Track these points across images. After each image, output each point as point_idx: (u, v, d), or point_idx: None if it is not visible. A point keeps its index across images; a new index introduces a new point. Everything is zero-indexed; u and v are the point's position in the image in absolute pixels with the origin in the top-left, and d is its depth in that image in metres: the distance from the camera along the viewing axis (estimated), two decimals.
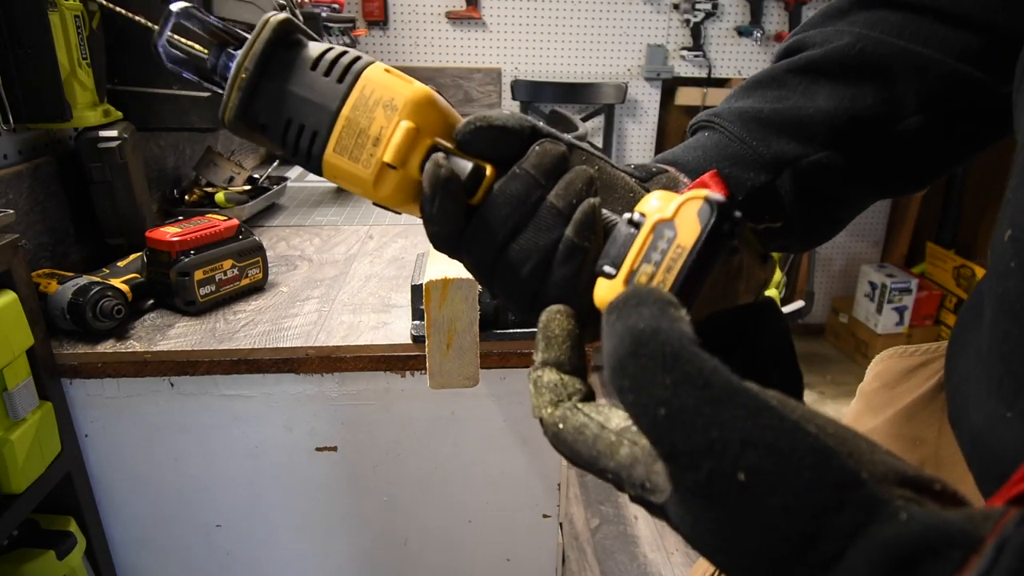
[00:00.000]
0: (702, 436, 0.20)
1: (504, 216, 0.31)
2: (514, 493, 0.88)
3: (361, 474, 0.85)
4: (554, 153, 0.32)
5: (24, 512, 0.69)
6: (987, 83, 0.40)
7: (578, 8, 2.60)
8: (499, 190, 0.32)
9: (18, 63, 0.81)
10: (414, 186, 0.32)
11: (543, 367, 0.28)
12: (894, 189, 0.45)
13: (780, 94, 0.42)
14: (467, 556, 0.92)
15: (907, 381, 0.51)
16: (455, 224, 0.32)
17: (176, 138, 1.30)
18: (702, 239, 0.26)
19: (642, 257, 0.27)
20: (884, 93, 0.40)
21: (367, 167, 0.32)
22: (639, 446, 0.23)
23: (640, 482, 0.23)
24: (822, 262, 3.04)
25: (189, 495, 0.84)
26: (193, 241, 0.84)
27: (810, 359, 2.95)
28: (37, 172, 0.87)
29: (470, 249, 0.32)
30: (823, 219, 0.44)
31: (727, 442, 0.19)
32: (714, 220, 0.26)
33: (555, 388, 0.27)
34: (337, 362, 0.79)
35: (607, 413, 0.25)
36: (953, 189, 2.81)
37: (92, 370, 0.76)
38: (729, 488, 0.20)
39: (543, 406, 0.27)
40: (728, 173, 0.40)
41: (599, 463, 0.24)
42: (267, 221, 1.27)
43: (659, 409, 0.20)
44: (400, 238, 1.17)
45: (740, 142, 0.41)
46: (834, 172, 0.41)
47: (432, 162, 0.31)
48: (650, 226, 0.27)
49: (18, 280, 0.68)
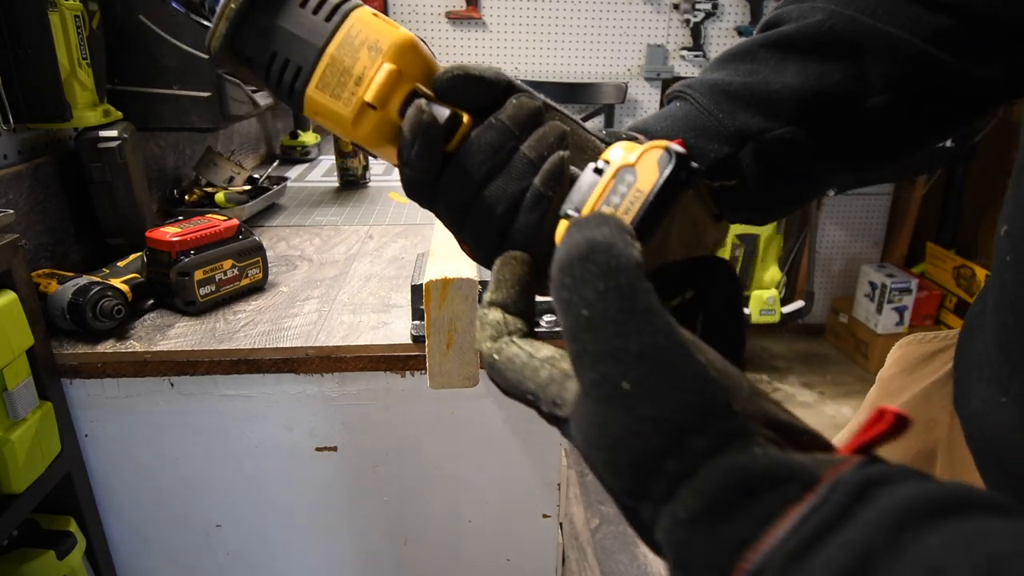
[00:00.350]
0: (608, 342, 0.22)
1: (478, 163, 0.33)
2: (514, 493, 0.88)
3: (361, 474, 0.85)
4: (530, 107, 0.33)
5: (24, 512, 0.69)
6: (957, 66, 0.40)
7: (578, 8, 2.60)
8: (475, 138, 0.33)
9: (18, 63, 0.81)
10: (391, 128, 0.33)
11: (490, 306, 0.30)
12: (859, 167, 0.46)
13: (752, 68, 0.43)
14: (467, 556, 0.92)
15: (925, 367, 0.51)
16: (432, 169, 0.33)
17: (176, 138, 1.30)
18: (659, 184, 0.28)
19: (603, 200, 0.29)
20: (852, 71, 0.41)
21: (348, 105, 0.32)
22: (557, 369, 0.26)
23: (552, 399, 0.25)
24: (822, 262, 3.04)
25: (189, 495, 0.84)
26: (193, 241, 0.84)
27: (810, 359, 2.95)
28: (37, 172, 0.87)
29: (444, 194, 0.34)
30: (785, 193, 0.45)
31: (625, 351, 0.22)
32: (672, 167, 0.28)
33: (497, 325, 0.29)
34: (337, 362, 0.79)
35: (537, 346, 0.28)
36: (953, 189, 2.81)
37: (92, 370, 0.76)
38: (614, 392, 0.22)
39: (484, 340, 0.29)
40: (693, 143, 0.42)
41: (523, 385, 0.27)
42: (267, 221, 1.27)
43: (583, 310, 0.23)
44: (400, 238, 1.17)
45: (707, 114, 0.42)
46: (797, 147, 0.42)
47: (415, 107, 0.31)
48: (613, 171, 0.29)
49: (18, 280, 0.68)
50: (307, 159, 1.85)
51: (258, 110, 1.14)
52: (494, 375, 0.28)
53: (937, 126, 0.44)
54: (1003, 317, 0.36)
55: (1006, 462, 0.36)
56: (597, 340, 0.22)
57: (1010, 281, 0.34)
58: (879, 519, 0.18)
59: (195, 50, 1.01)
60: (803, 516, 0.19)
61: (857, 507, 0.18)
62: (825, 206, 2.92)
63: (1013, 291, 0.34)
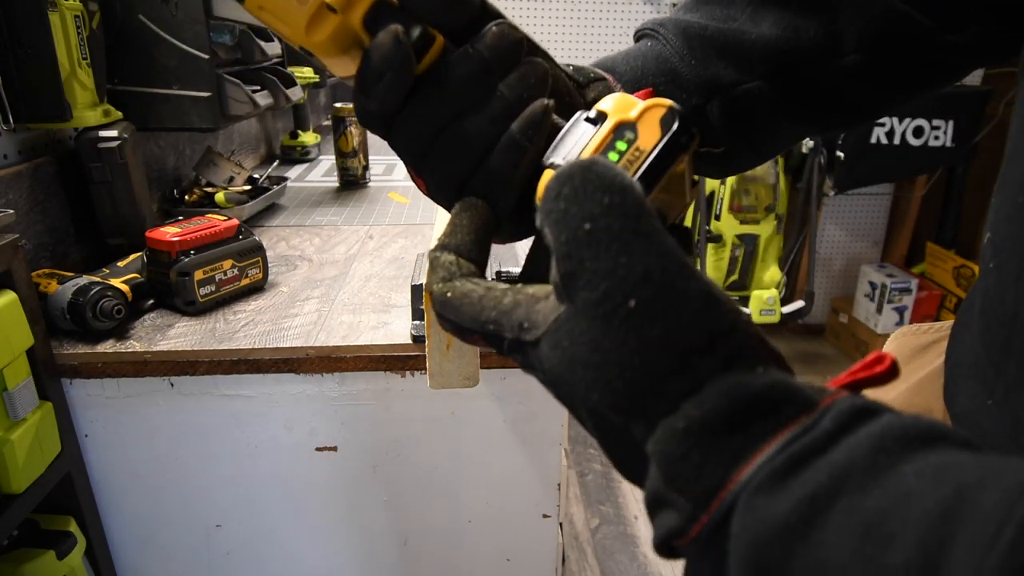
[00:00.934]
0: (612, 259, 0.21)
1: (450, 98, 0.29)
2: (514, 493, 0.88)
3: (361, 474, 0.85)
4: (512, 38, 0.30)
5: (24, 512, 0.69)
6: (932, 30, 0.40)
7: (578, 8, 2.60)
8: (449, 68, 0.29)
9: (18, 63, 0.81)
10: (350, 38, 0.29)
11: (443, 250, 0.28)
12: (826, 127, 0.46)
13: (728, 13, 0.42)
14: (467, 556, 0.92)
15: (920, 358, 0.51)
16: (397, 103, 0.29)
17: (176, 138, 1.30)
18: (661, 144, 0.27)
19: (600, 153, 0.27)
20: (827, 27, 0.40)
21: (303, 3, 0.28)
22: (522, 294, 0.25)
23: (519, 322, 0.24)
24: (822, 262, 3.04)
25: (189, 495, 0.84)
26: (193, 241, 0.84)
27: (810, 359, 2.95)
28: (37, 172, 0.87)
29: (406, 127, 0.30)
30: (747, 148, 0.44)
31: (631, 269, 0.21)
32: (675, 128, 0.27)
33: (449, 267, 0.28)
34: (337, 362, 0.79)
35: (493, 283, 0.27)
36: (953, 189, 2.81)
37: (92, 370, 0.76)
38: (617, 310, 0.21)
39: (434, 282, 0.27)
40: (662, 91, 0.40)
41: (482, 315, 0.25)
42: (267, 221, 1.27)
43: (585, 224, 0.22)
44: (400, 238, 1.17)
45: (679, 57, 0.41)
46: (766, 102, 0.41)
47: (391, 33, 0.27)
48: (612, 124, 0.27)
49: (18, 280, 0.68)
50: (307, 159, 1.85)
51: (258, 110, 1.14)
52: (446, 311, 0.26)
53: (907, 90, 0.44)
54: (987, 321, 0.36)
55: None
56: (599, 257, 0.21)
57: (992, 287, 0.35)
58: (859, 444, 0.19)
59: (195, 50, 1.01)
60: (794, 435, 0.19)
61: (842, 434, 0.19)
62: (825, 206, 2.92)
63: (995, 297, 0.35)
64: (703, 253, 2.56)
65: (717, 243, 2.61)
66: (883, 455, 0.18)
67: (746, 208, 2.60)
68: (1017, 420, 0.33)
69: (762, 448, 0.20)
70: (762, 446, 0.20)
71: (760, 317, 2.51)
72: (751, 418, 0.20)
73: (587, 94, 0.38)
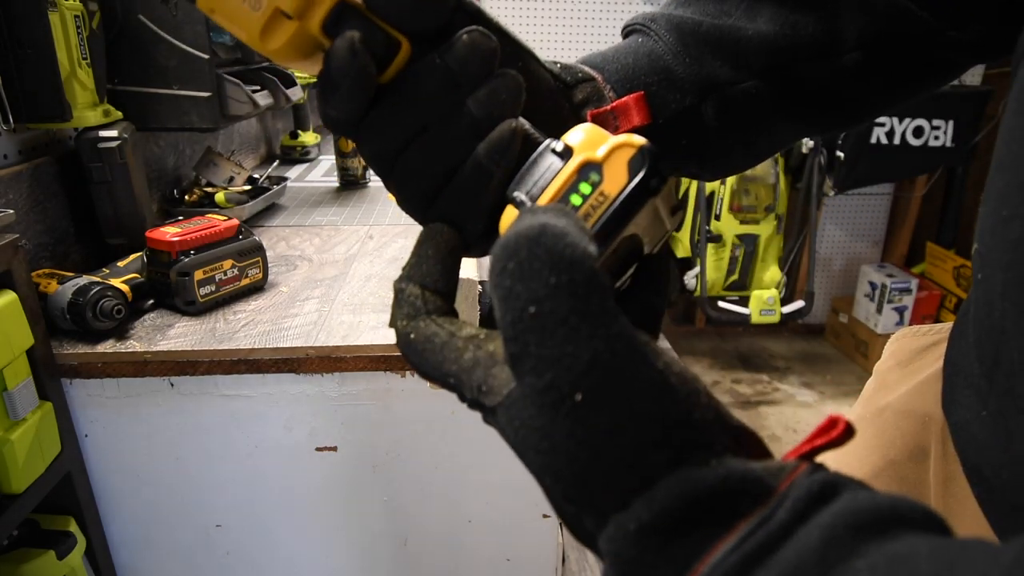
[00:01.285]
0: (558, 346, 0.20)
1: (414, 112, 0.27)
2: (514, 493, 0.88)
3: (361, 474, 0.85)
4: (484, 49, 0.27)
5: (24, 512, 0.69)
6: (933, 27, 0.39)
7: (578, 8, 2.60)
8: (413, 78, 0.27)
9: (18, 63, 0.81)
10: (310, 43, 0.27)
11: (407, 281, 0.27)
12: (821, 127, 0.44)
13: (722, 8, 0.40)
14: (467, 556, 0.92)
15: (920, 360, 0.51)
16: (358, 112, 0.28)
17: (176, 138, 1.30)
18: (627, 191, 0.24)
19: (561, 196, 0.25)
20: (827, 23, 0.39)
21: (256, 8, 0.26)
22: (482, 351, 0.24)
23: (477, 384, 0.23)
24: (822, 262, 3.04)
25: (189, 495, 0.84)
26: (193, 241, 0.84)
27: (810, 359, 2.95)
28: (37, 172, 0.87)
29: (369, 138, 0.29)
30: (742, 149, 0.43)
31: (576, 358, 0.20)
32: (643, 174, 0.24)
33: (413, 302, 0.26)
34: (337, 362, 0.79)
35: (459, 324, 0.25)
36: (953, 189, 2.81)
37: (92, 370, 0.76)
38: (563, 401, 0.20)
39: (399, 318, 0.26)
40: (655, 91, 0.38)
41: (443, 367, 0.24)
42: (267, 221, 1.27)
43: (530, 306, 0.20)
44: (400, 238, 1.17)
45: (672, 55, 0.39)
46: (762, 101, 0.40)
47: (347, 42, 0.25)
48: (576, 165, 0.25)
49: (18, 280, 0.68)
50: (307, 159, 1.85)
51: (258, 110, 1.14)
52: (410, 355, 0.25)
53: (907, 88, 0.43)
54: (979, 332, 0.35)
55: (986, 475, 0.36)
56: (544, 343, 0.20)
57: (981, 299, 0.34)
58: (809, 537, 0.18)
59: (195, 50, 1.01)
60: (748, 531, 0.18)
61: (797, 524, 0.18)
62: (825, 206, 2.92)
63: (983, 310, 0.34)
64: (703, 253, 2.56)
65: (717, 243, 2.61)
66: (833, 549, 0.17)
67: (746, 208, 2.60)
68: (1009, 433, 0.33)
69: (716, 546, 0.19)
70: (716, 544, 0.19)
71: (760, 317, 2.51)
72: (704, 516, 0.19)
73: (575, 95, 0.37)
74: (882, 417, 0.50)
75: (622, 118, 0.37)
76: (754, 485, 0.19)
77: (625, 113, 0.37)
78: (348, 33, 0.26)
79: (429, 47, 0.27)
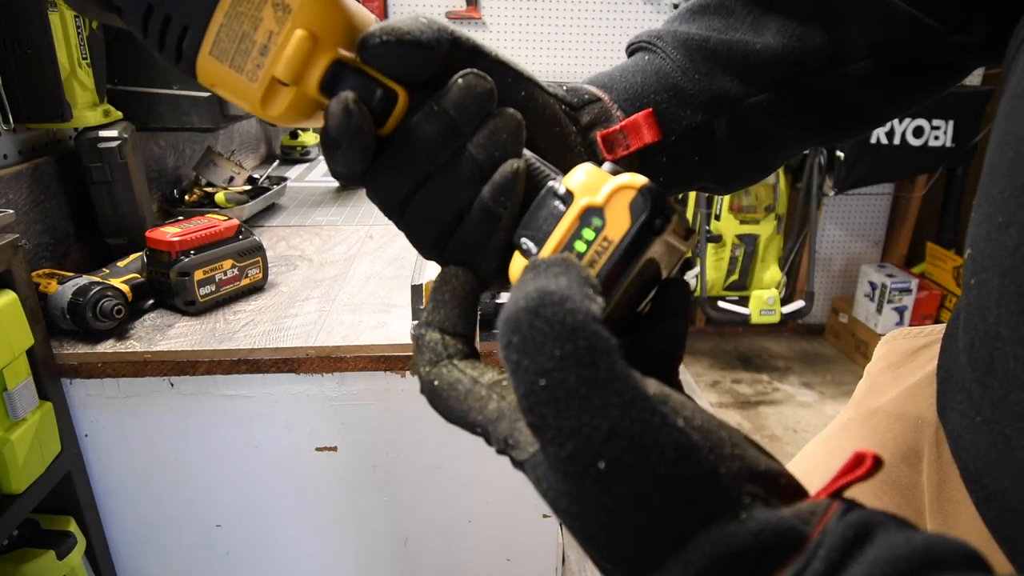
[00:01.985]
0: (574, 418, 0.20)
1: (416, 162, 0.27)
2: (514, 493, 0.88)
3: (361, 474, 0.85)
4: (478, 91, 0.27)
5: (24, 512, 0.69)
6: (939, 32, 0.39)
7: (578, 8, 2.60)
8: (412, 128, 0.27)
9: (18, 63, 0.81)
10: (310, 105, 0.27)
11: (427, 327, 0.27)
12: (831, 137, 0.45)
13: (728, 23, 0.40)
14: (467, 556, 0.92)
15: (911, 362, 0.50)
16: (361, 166, 0.28)
17: (176, 138, 1.30)
18: (630, 235, 0.24)
19: (565, 244, 0.25)
20: (833, 34, 0.39)
21: (253, 80, 0.26)
22: (506, 401, 0.24)
23: (504, 437, 0.23)
24: (822, 262, 3.04)
25: (189, 495, 0.84)
26: (193, 241, 0.84)
27: (810, 359, 2.95)
28: (37, 172, 0.87)
29: (375, 189, 0.29)
30: (753, 163, 0.43)
31: (595, 428, 0.20)
32: (645, 217, 0.24)
33: (434, 348, 0.26)
34: (337, 362, 0.79)
35: (482, 368, 0.25)
36: (953, 189, 2.81)
37: (92, 370, 0.76)
38: (588, 471, 0.20)
39: (421, 364, 0.26)
40: (664, 108, 0.38)
41: (469, 416, 0.24)
42: (267, 221, 1.27)
43: (539, 379, 0.20)
44: (400, 238, 1.17)
45: (681, 72, 0.39)
46: (774, 114, 0.40)
47: (341, 103, 0.26)
48: (578, 211, 0.25)
49: (18, 280, 0.68)
50: (307, 159, 1.85)
51: None
52: (435, 402, 0.25)
53: (915, 93, 0.43)
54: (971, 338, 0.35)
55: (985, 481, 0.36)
56: (560, 415, 0.20)
57: (974, 304, 0.34)
58: None
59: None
60: None
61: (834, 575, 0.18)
62: (825, 206, 2.92)
63: (977, 315, 0.34)
64: (703, 253, 2.56)
65: (717, 243, 2.61)
66: None
67: (746, 208, 2.61)
68: (1005, 439, 0.33)
69: None
70: None
71: (760, 317, 2.51)
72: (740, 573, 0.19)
73: (581, 117, 0.36)
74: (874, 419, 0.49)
75: (632, 137, 0.37)
76: (787, 535, 0.19)
77: (635, 132, 0.37)
78: (342, 93, 0.26)
79: (428, 93, 0.27)
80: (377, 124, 0.27)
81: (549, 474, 0.21)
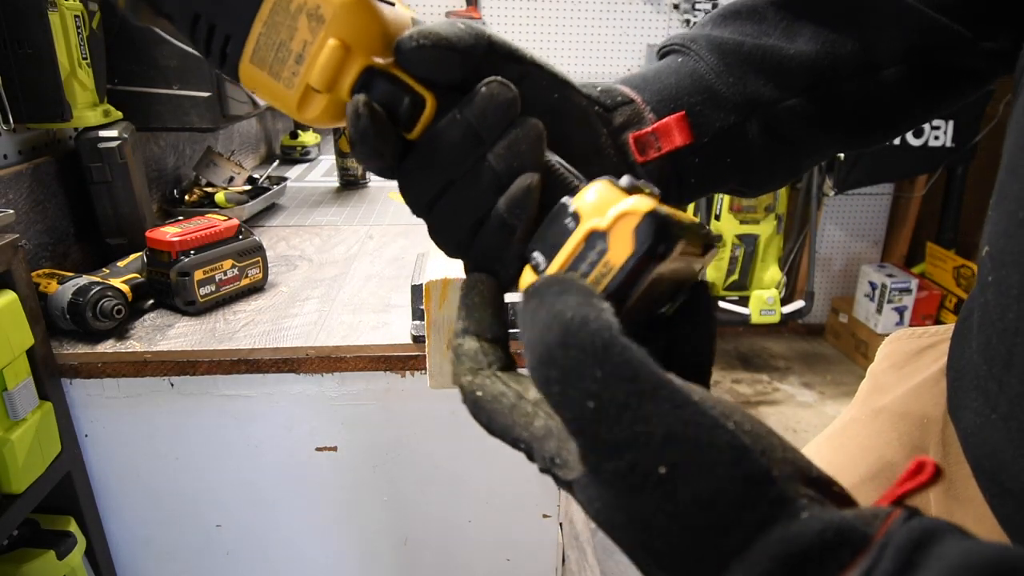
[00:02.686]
0: (628, 429, 0.20)
1: (440, 167, 0.28)
2: (514, 493, 0.88)
3: (361, 474, 0.85)
4: (501, 100, 0.27)
5: (24, 512, 0.69)
6: (967, 39, 0.40)
7: (578, 8, 2.60)
8: (438, 134, 0.28)
9: (18, 63, 0.81)
10: (344, 109, 0.28)
11: (464, 335, 0.28)
12: (863, 140, 0.45)
13: (760, 29, 0.41)
14: (467, 556, 0.92)
15: (915, 362, 0.51)
16: (386, 163, 0.29)
17: (176, 138, 1.30)
18: (632, 262, 0.24)
19: (570, 265, 0.25)
20: (865, 41, 0.40)
21: (290, 87, 0.28)
22: (554, 420, 0.24)
23: (551, 456, 0.23)
24: (822, 262, 3.04)
25: (189, 495, 0.84)
26: (193, 241, 0.84)
27: (810, 359, 2.95)
28: (37, 172, 0.87)
29: (403, 188, 0.30)
30: (785, 165, 0.43)
31: (651, 436, 0.20)
32: (649, 244, 0.24)
33: (475, 356, 0.27)
34: (337, 362, 0.79)
35: (526, 383, 0.25)
36: (953, 189, 2.81)
37: (92, 370, 0.76)
38: (647, 479, 0.20)
39: (463, 374, 0.27)
40: (698, 111, 0.39)
41: (513, 432, 0.24)
42: (267, 221, 1.27)
43: (588, 402, 0.20)
44: (400, 238, 1.17)
45: (715, 75, 0.40)
46: (806, 119, 0.41)
47: (352, 108, 0.27)
48: (582, 235, 0.25)
49: (18, 280, 0.68)
50: (307, 159, 1.85)
51: (258, 110, 1.14)
52: (478, 414, 0.26)
53: (944, 99, 0.44)
54: (987, 335, 0.35)
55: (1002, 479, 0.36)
56: (613, 430, 0.20)
57: (992, 301, 0.34)
58: None
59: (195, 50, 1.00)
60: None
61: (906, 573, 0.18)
62: (825, 206, 2.92)
63: (995, 312, 0.34)
64: None
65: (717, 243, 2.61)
66: None
67: (746, 208, 2.60)
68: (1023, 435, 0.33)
69: None
70: None
71: (760, 317, 2.51)
72: (807, 572, 0.19)
73: (614, 118, 0.37)
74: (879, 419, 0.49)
75: (664, 139, 0.38)
76: (851, 535, 0.19)
77: (667, 134, 0.38)
78: (354, 98, 0.27)
79: (458, 98, 0.28)
80: (406, 128, 0.28)
81: (603, 492, 0.21)
